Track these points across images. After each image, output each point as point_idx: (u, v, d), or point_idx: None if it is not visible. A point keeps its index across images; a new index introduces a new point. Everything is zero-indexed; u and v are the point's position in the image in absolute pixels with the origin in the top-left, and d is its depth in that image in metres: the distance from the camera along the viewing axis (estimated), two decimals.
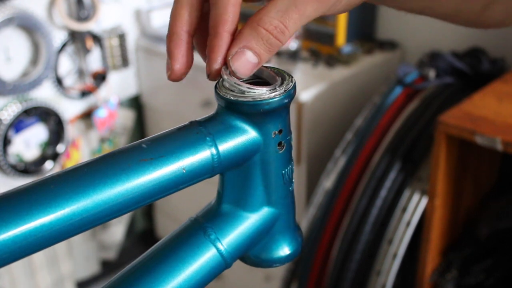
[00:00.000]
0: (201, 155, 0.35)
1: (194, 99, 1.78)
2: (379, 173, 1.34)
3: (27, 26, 1.59)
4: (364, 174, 1.38)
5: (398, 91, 1.44)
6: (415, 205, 1.29)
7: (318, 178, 1.49)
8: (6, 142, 1.63)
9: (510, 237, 1.29)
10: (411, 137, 1.35)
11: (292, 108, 1.46)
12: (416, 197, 1.29)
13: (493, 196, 1.39)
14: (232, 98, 0.36)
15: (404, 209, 1.30)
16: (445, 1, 0.47)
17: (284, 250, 0.41)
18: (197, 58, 1.55)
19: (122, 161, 0.33)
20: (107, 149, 1.94)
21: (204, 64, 0.39)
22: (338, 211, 1.41)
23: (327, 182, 1.44)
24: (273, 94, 0.36)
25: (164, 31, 1.89)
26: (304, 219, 1.47)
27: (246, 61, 0.35)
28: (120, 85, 1.94)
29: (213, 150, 0.36)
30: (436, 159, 1.16)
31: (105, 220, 0.32)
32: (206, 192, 1.06)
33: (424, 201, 1.28)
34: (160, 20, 1.89)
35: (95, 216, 0.32)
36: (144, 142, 0.35)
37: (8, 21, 1.53)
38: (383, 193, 1.33)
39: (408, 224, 1.29)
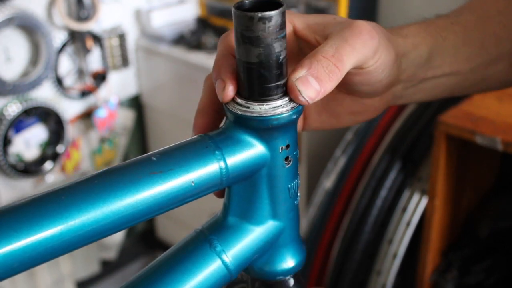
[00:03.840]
0: (210, 169, 0.36)
1: (194, 99, 1.78)
2: (379, 173, 1.34)
3: (27, 26, 1.59)
4: (364, 174, 1.38)
5: None
6: (415, 205, 1.29)
7: (318, 178, 1.49)
8: (6, 142, 1.63)
9: (510, 237, 1.29)
10: (411, 137, 1.35)
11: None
12: (416, 197, 1.29)
13: (493, 196, 1.39)
14: (240, 112, 0.36)
15: (404, 209, 1.30)
16: (470, 73, 0.50)
17: (288, 263, 0.41)
18: (198, 58, 1.56)
19: (132, 174, 0.34)
20: (107, 149, 1.94)
21: (204, 64, 0.39)
22: (338, 211, 1.41)
23: (327, 182, 1.44)
24: (281, 110, 0.36)
25: (164, 30, 1.89)
26: (304, 219, 1.47)
27: (309, 85, 0.37)
28: (120, 85, 1.94)
29: (222, 164, 0.36)
30: (436, 159, 1.17)
31: (114, 231, 0.33)
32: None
33: (424, 201, 1.28)
34: (160, 20, 1.89)
35: (104, 227, 0.32)
36: (154, 155, 0.35)
37: (8, 21, 1.53)
38: (383, 193, 1.33)
39: (408, 224, 1.29)
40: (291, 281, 0.42)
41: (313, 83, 0.37)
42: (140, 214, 0.33)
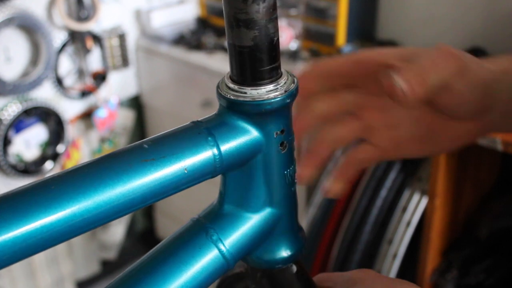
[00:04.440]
0: (203, 156, 0.35)
1: (194, 99, 1.78)
2: (379, 173, 1.34)
3: (27, 26, 1.59)
4: (364, 174, 1.38)
5: None
6: (415, 205, 1.29)
7: (318, 178, 1.49)
8: (6, 142, 1.63)
9: (510, 237, 1.29)
10: None
11: (292, 108, 1.46)
12: (416, 197, 1.29)
13: (493, 196, 1.39)
14: (233, 97, 0.36)
15: (404, 209, 1.30)
16: None
17: (287, 251, 0.41)
18: (198, 58, 1.55)
19: (124, 162, 0.33)
20: (107, 149, 1.94)
21: (204, 64, 0.39)
22: (338, 211, 1.41)
23: (327, 182, 1.44)
24: (274, 94, 0.35)
25: (164, 30, 1.90)
26: (304, 219, 1.47)
27: (406, 80, 0.39)
28: (120, 85, 1.94)
29: (215, 151, 0.35)
30: (436, 159, 1.17)
31: (107, 221, 0.32)
32: (206, 192, 1.06)
33: (424, 201, 1.28)
34: (160, 20, 1.89)
35: (96, 216, 0.31)
36: (145, 142, 0.35)
37: (8, 21, 1.53)
38: (383, 193, 1.33)
39: (408, 224, 1.29)
40: (294, 268, 0.42)
41: (404, 82, 0.39)
42: (132, 203, 0.33)
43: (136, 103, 2.05)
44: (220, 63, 1.67)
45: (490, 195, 1.39)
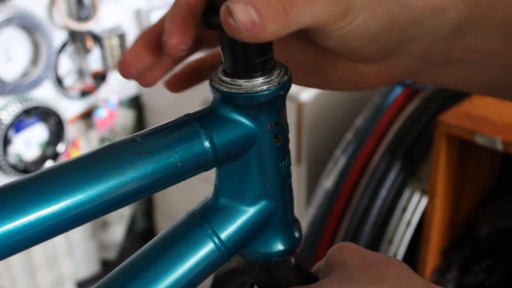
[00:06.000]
0: (196, 148, 0.35)
1: (194, 99, 1.78)
2: (379, 173, 1.34)
3: (27, 26, 1.59)
4: (364, 174, 1.38)
5: (398, 91, 1.44)
6: (415, 205, 1.29)
7: (318, 178, 1.49)
8: (6, 142, 1.63)
9: (510, 237, 1.29)
10: (411, 137, 1.35)
11: (292, 108, 1.46)
12: (416, 197, 1.29)
13: (493, 196, 1.39)
14: (226, 90, 0.36)
15: (404, 209, 1.30)
16: (489, 69, 0.39)
17: (283, 244, 0.40)
18: (198, 57, 1.52)
19: (117, 155, 0.33)
20: None
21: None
22: (338, 211, 1.41)
23: (327, 182, 1.44)
24: (268, 86, 0.35)
25: None
26: (304, 219, 1.47)
27: (246, 12, 0.30)
28: (120, 85, 1.94)
29: (209, 143, 0.35)
30: (436, 159, 1.17)
31: (101, 214, 0.32)
32: (207, 191, 1.06)
33: (424, 201, 1.28)
34: None
35: (90, 210, 0.31)
36: (139, 135, 0.35)
37: (8, 21, 1.53)
38: (383, 193, 1.33)
39: (408, 224, 1.30)
40: (292, 261, 0.42)
41: (252, 13, 0.30)
42: (126, 196, 0.33)
43: (136, 103, 2.05)
44: None
45: (490, 195, 1.39)
